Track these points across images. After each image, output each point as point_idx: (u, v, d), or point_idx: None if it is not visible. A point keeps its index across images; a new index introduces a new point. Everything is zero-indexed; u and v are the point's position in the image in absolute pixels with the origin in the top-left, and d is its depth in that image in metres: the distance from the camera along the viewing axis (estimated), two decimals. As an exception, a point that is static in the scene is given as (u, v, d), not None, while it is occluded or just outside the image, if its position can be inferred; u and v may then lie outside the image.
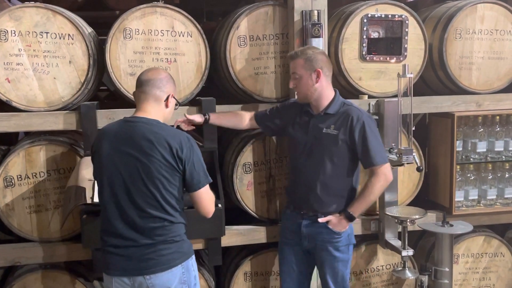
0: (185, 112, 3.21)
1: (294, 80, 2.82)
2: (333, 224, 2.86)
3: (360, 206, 2.86)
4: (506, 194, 3.69)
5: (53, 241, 3.24)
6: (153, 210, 2.36)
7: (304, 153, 2.88)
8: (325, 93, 2.83)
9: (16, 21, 3.00)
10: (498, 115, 3.61)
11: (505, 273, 3.84)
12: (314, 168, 2.85)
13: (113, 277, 2.42)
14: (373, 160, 2.78)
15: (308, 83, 2.78)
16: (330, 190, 2.85)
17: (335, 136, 2.79)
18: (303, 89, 2.81)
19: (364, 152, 2.78)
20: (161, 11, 3.14)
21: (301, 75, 2.78)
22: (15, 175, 3.13)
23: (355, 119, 2.77)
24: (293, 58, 2.81)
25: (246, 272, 3.51)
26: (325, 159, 2.82)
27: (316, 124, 2.84)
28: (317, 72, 2.76)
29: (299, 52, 2.82)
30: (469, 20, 3.52)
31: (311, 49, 2.84)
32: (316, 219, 2.88)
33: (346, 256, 2.94)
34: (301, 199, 2.92)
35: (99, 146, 2.43)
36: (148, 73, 2.48)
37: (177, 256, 2.43)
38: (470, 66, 3.57)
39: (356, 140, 2.77)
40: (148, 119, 2.41)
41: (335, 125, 2.81)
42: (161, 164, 2.34)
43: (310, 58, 2.76)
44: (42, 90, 3.08)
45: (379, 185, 2.81)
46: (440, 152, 3.68)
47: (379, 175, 2.79)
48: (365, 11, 3.37)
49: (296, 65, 2.80)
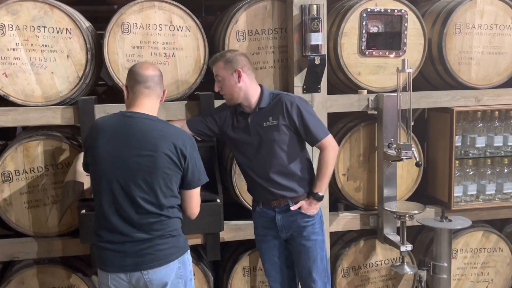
0: (184, 107, 3.21)
1: (218, 82, 2.86)
2: (305, 208, 2.91)
3: (322, 182, 2.92)
4: (505, 189, 3.69)
5: (51, 236, 3.23)
6: (151, 206, 2.35)
7: (253, 151, 2.89)
8: (250, 91, 2.87)
9: (13, 15, 2.98)
10: (497, 110, 3.61)
11: (503, 268, 3.85)
12: (268, 162, 2.87)
13: (109, 273, 2.40)
14: (317, 136, 2.87)
15: (231, 84, 2.82)
16: (290, 176, 2.89)
17: (276, 126, 2.84)
18: (228, 90, 2.84)
19: (307, 132, 2.86)
20: (159, 5, 3.12)
21: (223, 77, 2.83)
22: (13, 170, 3.12)
23: (289, 104, 2.84)
24: (214, 62, 2.87)
25: (245, 267, 3.52)
26: (275, 150, 2.85)
27: (254, 121, 2.87)
28: (238, 72, 2.81)
29: (218, 55, 2.87)
30: (468, 15, 3.51)
31: (230, 52, 2.90)
32: (288, 208, 2.91)
33: (322, 237, 2.99)
34: (267, 194, 2.93)
35: (94, 140, 2.38)
36: (148, 69, 2.45)
37: (174, 251, 2.42)
38: (469, 61, 3.57)
39: (297, 123, 2.85)
40: (148, 115, 2.40)
41: (273, 116, 2.85)
42: (164, 161, 2.33)
43: (229, 59, 2.82)
44: (39, 84, 3.07)
45: (330, 156, 2.89)
46: (439, 147, 3.68)
47: (327, 147, 2.88)
48: (365, 6, 3.36)
49: (217, 68, 2.85)
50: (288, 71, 3.31)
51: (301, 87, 3.25)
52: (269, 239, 3.02)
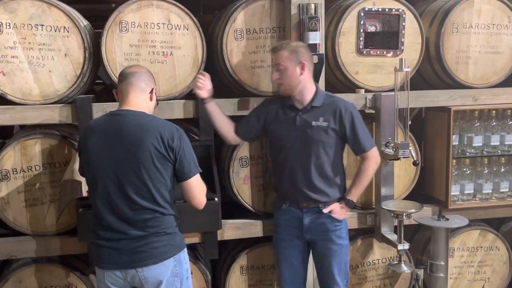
0: (181, 106, 3.21)
1: (278, 71, 2.84)
2: (336, 212, 2.92)
3: (358, 191, 2.98)
4: (502, 188, 3.70)
5: (49, 235, 3.23)
6: (145, 201, 2.37)
7: (293, 147, 2.88)
8: (308, 86, 2.88)
9: (11, 14, 2.98)
10: (495, 110, 3.62)
11: (500, 267, 3.86)
12: (308, 161, 2.87)
13: (105, 270, 2.42)
14: (364, 147, 2.91)
15: (293, 75, 2.82)
16: (326, 179, 2.90)
17: (325, 128, 2.85)
18: (287, 80, 2.83)
19: (355, 140, 2.89)
20: (157, 4, 3.12)
21: (286, 66, 2.81)
22: (10, 169, 3.12)
23: (343, 110, 2.86)
24: (278, 50, 2.85)
25: (243, 266, 3.52)
26: (319, 151, 2.85)
27: (304, 118, 2.87)
28: (302, 64, 2.80)
29: (283, 44, 2.86)
30: (466, 14, 3.52)
31: (294, 42, 2.90)
32: (317, 210, 2.91)
33: (347, 242, 3.03)
34: (299, 195, 2.92)
35: (86, 142, 2.43)
36: (131, 68, 2.54)
37: (169, 249, 2.43)
38: (466, 60, 3.57)
39: (347, 130, 2.87)
40: (134, 111, 2.43)
41: (323, 117, 2.86)
42: (152, 155, 2.35)
43: (295, 50, 2.81)
44: (37, 83, 3.07)
45: (371, 168, 2.95)
46: (437, 146, 3.69)
47: (370, 158, 2.94)
48: (362, 5, 3.36)
49: (280, 57, 2.82)
50: (286, 70, 3.30)
51: (299, 86, 3.25)
52: (290, 239, 3.00)
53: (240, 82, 3.30)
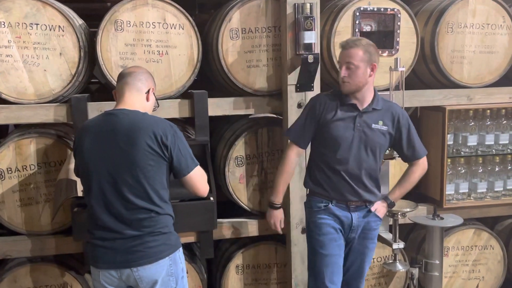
0: (177, 105, 3.20)
1: (348, 70, 2.75)
2: (381, 211, 2.96)
3: (401, 192, 3.02)
4: (496, 188, 3.72)
5: (44, 234, 3.23)
6: (140, 200, 2.36)
7: (348, 147, 2.82)
8: (370, 88, 2.84)
9: (5, 12, 2.97)
10: (489, 109, 3.63)
11: (494, 266, 3.88)
12: (363, 162, 2.84)
13: (100, 270, 2.42)
14: (418, 154, 2.95)
15: (364, 76, 2.76)
16: (372, 179, 2.91)
17: (384, 131, 2.85)
18: (356, 79, 2.75)
19: (410, 147, 2.92)
20: (153, 3, 3.11)
21: (358, 65, 2.73)
22: (5, 168, 3.11)
23: (401, 116, 2.88)
24: (351, 47, 2.75)
25: (238, 265, 3.52)
26: (376, 153, 2.85)
27: (364, 119, 2.82)
28: (373, 66, 2.76)
29: (356, 42, 2.77)
30: (461, 14, 3.53)
31: (366, 40, 2.81)
32: (365, 209, 2.92)
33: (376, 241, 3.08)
34: (350, 193, 2.86)
35: (81, 142, 2.42)
36: (130, 68, 2.55)
37: (164, 249, 2.43)
38: (461, 60, 3.59)
39: (403, 136, 2.89)
40: (129, 110, 2.43)
41: (383, 121, 2.85)
42: (147, 153, 2.34)
43: (369, 50, 2.75)
44: (32, 82, 3.06)
45: (418, 174, 2.99)
46: (431, 146, 3.69)
47: (420, 165, 2.97)
48: (358, 4, 3.37)
49: (354, 55, 2.73)
50: (282, 69, 3.31)
51: (294, 86, 3.25)
52: (337, 238, 2.90)
53: (235, 81, 3.30)
